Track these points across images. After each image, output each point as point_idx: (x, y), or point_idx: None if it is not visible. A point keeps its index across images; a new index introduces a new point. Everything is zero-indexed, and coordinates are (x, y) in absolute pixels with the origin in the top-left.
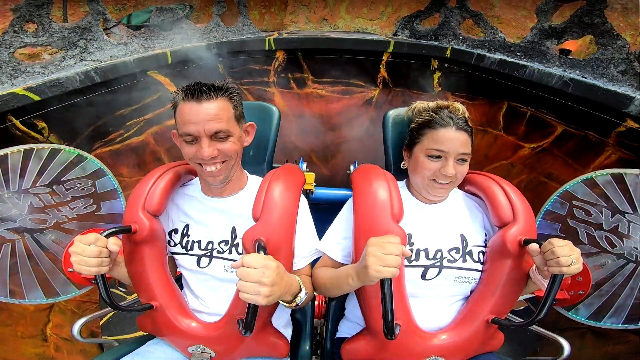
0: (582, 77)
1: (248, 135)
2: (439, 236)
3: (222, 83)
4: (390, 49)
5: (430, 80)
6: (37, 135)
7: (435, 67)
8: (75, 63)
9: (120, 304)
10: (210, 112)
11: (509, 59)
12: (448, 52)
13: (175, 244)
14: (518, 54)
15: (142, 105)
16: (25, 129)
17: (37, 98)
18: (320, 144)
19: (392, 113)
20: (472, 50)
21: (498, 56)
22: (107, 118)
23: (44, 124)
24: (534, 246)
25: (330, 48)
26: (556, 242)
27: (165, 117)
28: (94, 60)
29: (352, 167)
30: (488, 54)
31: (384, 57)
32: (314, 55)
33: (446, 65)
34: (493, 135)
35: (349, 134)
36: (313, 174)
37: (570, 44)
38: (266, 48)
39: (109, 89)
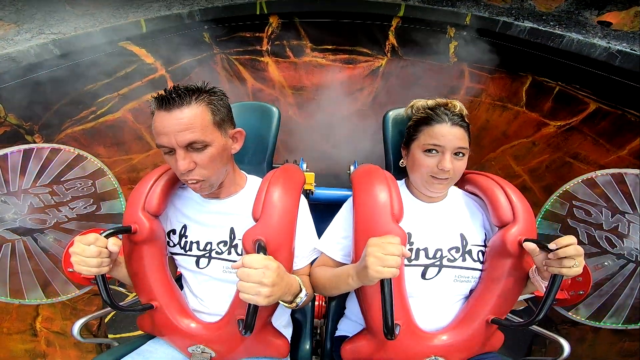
0: (631, 49)
1: (236, 142)
2: (438, 235)
3: (202, 85)
4: (401, 13)
5: (446, 49)
6: None
7: (452, 35)
8: (32, 37)
9: (120, 303)
10: (182, 121)
11: (542, 28)
12: (467, 19)
13: (174, 245)
14: (551, 23)
15: (114, 79)
16: None
17: None
18: (320, 119)
19: (392, 113)
20: (496, 18)
21: (528, 24)
22: (73, 94)
23: None
24: (531, 245)
25: (331, 11)
26: (562, 242)
27: (143, 91)
28: (54, 33)
29: (352, 167)
30: (516, 22)
31: (394, 23)
32: (313, 19)
33: (464, 33)
34: (513, 112)
35: (352, 108)
36: (313, 174)
37: (611, 16)
38: (257, 13)
39: (73, 63)
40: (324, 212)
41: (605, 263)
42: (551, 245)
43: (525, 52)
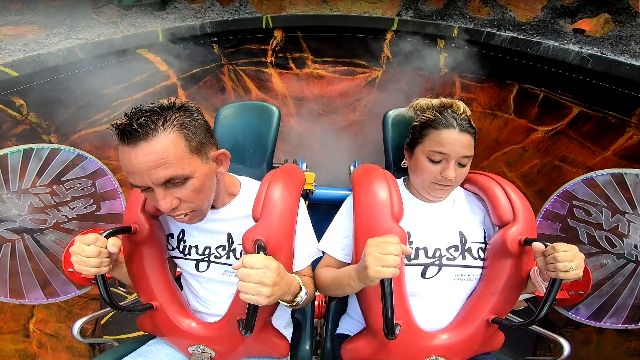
0: (601, 53)
1: (221, 165)
2: (437, 234)
3: (168, 104)
4: (394, 27)
5: (437, 61)
6: (14, 113)
7: (442, 47)
8: (59, 41)
9: (120, 304)
10: (151, 156)
11: (521, 37)
12: (455, 31)
13: (173, 248)
14: (530, 32)
15: (129, 85)
16: (1, 106)
17: (15, 74)
18: (320, 129)
19: (392, 113)
20: (481, 29)
21: (509, 34)
22: (91, 97)
23: (22, 102)
24: (538, 245)
25: (331, 26)
26: (559, 247)
27: (156, 97)
28: (79, 39)
29: (352, 167)
30: (498, 32)
31: (388, 36)
32: (314, 33)
33: (453, 45)
34: (503, 119)
35: (351, 117)
36: (313, 174)
37: (584, 24)
38: (263, 26)
39: (94, 67)
40: (324, 212)
41: (605, 262)
42: (547, 250)
43: (510, 60)
